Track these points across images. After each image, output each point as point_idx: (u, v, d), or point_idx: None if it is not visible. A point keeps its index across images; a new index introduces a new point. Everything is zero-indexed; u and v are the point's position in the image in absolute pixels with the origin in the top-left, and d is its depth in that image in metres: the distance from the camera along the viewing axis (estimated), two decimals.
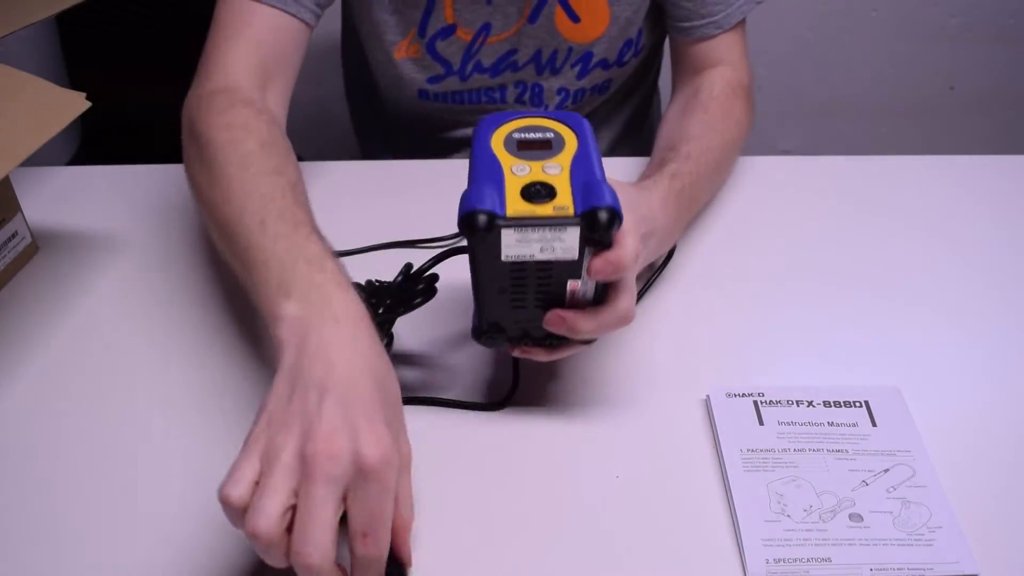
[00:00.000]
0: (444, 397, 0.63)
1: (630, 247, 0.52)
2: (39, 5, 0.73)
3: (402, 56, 0.89)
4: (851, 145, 1.96)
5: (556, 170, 0.52)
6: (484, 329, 0.58)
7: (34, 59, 1.51)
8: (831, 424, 0.60)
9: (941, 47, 1.84)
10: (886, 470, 0.57)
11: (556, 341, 0.58)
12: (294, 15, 0.75)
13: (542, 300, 0.55)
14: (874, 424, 0.60)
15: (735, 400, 0.61)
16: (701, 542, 0.54)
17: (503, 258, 0.52)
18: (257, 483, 0.44)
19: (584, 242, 0.51)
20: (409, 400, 0.62)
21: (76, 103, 0.64)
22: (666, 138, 0.79)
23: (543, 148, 0.54)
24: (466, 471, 0.58)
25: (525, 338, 0.59)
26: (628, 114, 1.02)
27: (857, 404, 0.61)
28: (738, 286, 0.73)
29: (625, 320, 0.55)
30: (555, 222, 0.50)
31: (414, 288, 0.61)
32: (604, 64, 0.91)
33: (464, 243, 0.53)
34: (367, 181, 0.88)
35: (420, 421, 0.61)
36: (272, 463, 0.44)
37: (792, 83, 1.88)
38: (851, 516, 0.54)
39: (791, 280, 0.74)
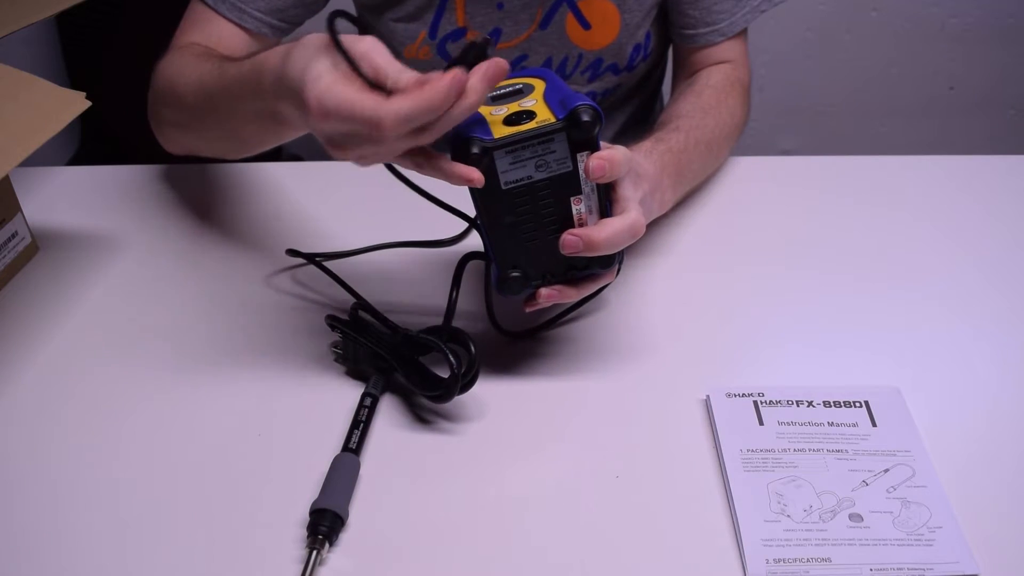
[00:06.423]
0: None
1: (621, 148, 0.57)
2: (39, 5, 0.73)
3: (412, 56, 0.89)
4: (851, 145, 1.96)
5: (532, 103, 0.56)
6: (505, 275, 0.58)
7: (34, 59, 1.51)
8: (831, 424, 0.60)
9: (941, 47, 1.84)
10: (886, 470, 0.57)
11: (578, 274, 0.59)
12: (239, 24, 0.82)
13: (552, 230, 0.56)
14: (874, 424, 0.60)
15: (735, 400, 0.61)
16: (701, 542, 0.54)
17: (503, 186, 0.54)
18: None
19: (573, 148, 0.54)
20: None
21: (76, 103, 0.64)
22: (659, 121, 0.80)
23: (515, 95, 0.57)
24: (465, 471, 0.58)
25: (548, 276, 0.59)
26: (631, 111, 1.02)
27: (857, 404, 0.61)
28: (738, 286, 0.73)
29: (635, 229, 0.57)
30: (542, 131, 0.53)
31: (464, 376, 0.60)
32: (614, 69, 0.91)
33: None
34: (368, 181, 0.88)
35: (422, 423, 0.62)
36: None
37: (792, 83, 1.88)
38: (851, 516, 0.54)
39: (791, 280, 0.74)
